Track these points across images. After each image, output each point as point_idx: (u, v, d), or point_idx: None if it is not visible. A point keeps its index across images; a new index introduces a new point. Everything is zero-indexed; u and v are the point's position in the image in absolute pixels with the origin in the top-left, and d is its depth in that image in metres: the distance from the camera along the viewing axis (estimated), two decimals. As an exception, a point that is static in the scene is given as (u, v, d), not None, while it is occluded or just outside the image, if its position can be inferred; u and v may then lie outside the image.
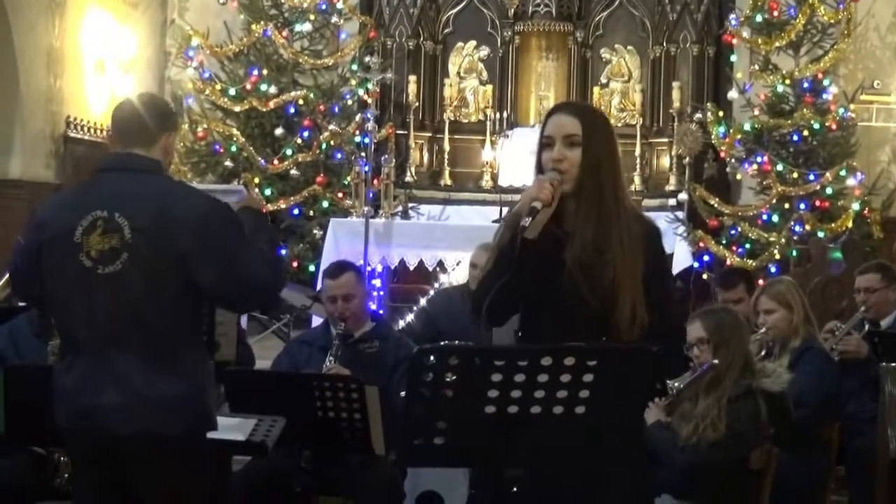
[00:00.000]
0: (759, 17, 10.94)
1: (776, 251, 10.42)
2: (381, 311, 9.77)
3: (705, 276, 10.36)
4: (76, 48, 10.65)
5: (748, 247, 10.66)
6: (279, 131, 11.11)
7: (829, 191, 10.67)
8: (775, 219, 10.65)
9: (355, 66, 11.40)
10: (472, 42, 12.31)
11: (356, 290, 5.47)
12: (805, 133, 10.72)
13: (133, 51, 11.37)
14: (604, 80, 12.17)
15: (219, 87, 11.22)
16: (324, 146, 11.04)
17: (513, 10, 12.12)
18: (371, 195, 10.22)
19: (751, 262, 10.29)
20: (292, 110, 11.15)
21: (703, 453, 4.59)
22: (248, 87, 11.14)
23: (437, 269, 9.89)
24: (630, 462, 3.19)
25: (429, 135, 12.13)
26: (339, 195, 10.95)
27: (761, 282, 6.80)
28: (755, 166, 10.77)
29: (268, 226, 4.10)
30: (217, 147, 11.11)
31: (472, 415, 2.80)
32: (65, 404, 3.70)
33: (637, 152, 11.61)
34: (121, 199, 3.65)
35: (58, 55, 10.37)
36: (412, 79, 11.86)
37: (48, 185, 10.07)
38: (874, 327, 6.34)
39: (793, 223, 10.48)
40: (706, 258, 10.56)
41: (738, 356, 4.72)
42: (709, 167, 11.30)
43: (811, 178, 10.63)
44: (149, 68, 11.80)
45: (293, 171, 11.01)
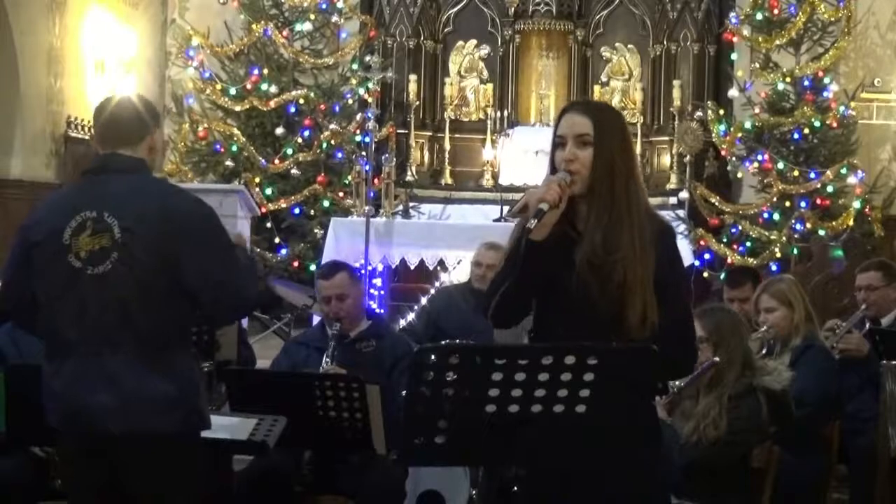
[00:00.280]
0: (759, 15, 10.95)
1: (777, 249, 10.43)
2: (381, 311, 9.79)
3: (706, 275, 10.37)
4: (76, 48, 10.65)
5: (749, 245, 10.67)
6: (280, 131, 11.12)
7: (829, 189, 10.68)
8: (776, 217, 10.66)
9: (356, 66, 11.41)
10: (473, 41, 12.32)
11: (350, 290, 5.46)
12: (806, 131, 10.73)
13: (133, 50, 11.37)
14: (604, 79, 12.18)
15: (219, 86, 11.23)
16: (324, 145, 11.04)
17: (513, 9, 12.13)
18: (372, 194, 10.22)
19: (752, 260, 10.30)
20: (293, 110, 11.16)
21: (704, 451, 4.58)
22: (248, 86, 11.14)
23: (438, 268, 9.89)
24: (635, 462, 3.17)
25: (429, 134, 12.14)
26: (340, 194, 10.96)
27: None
28: (756, 164, 10.78)
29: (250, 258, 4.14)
30: (218, 147, 11.11)
31: (473, 414, 2.80)
32: (56, 406, 3.70)
33: (637, 151, 11.57)
34: (109, 199, 3.65)
35: (58, 55, 10.37)
36: (413, 78, 11.87)
37: (49, 185, 10.07)
38: (875, 325, 6.33)
39: (793, 221, 10.49)
40: (707, 256, 10.57)
41: (738, 354, 4.72)
42: (709, 165, 11.31)
43: (812, 176, 10.63)
44: (149, 68, 11.80)
45: (294, 171, 11.01)
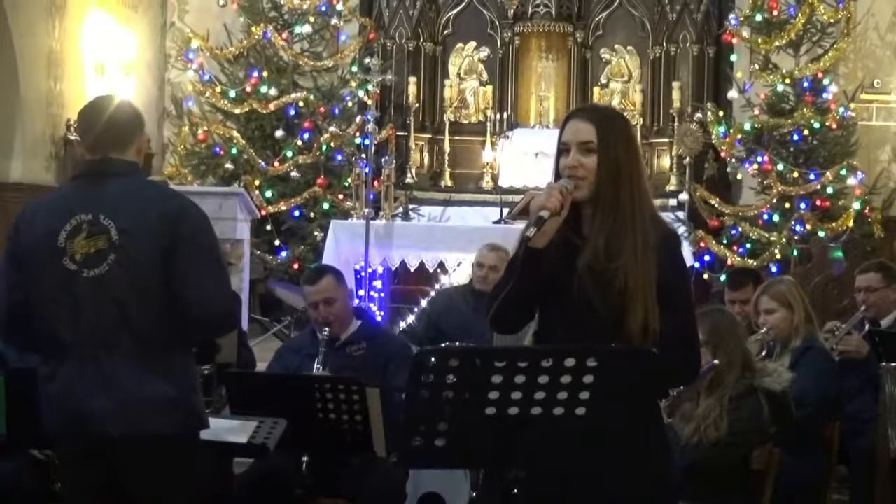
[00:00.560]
0: (758, 17, 10.95)
1: (777, 251, 10.43)
2: (381, 313, 9.80)
3: (706, 277, 10.37)
4: (76, 51, 10.65)
5: (749, 247, 10.67)
6: (279, 133, 11.11)
7: (829, 190, 10.68)
8: (776, 218, 10.65)
9: (355, 68, 11.41)
10: (472, 43, 12.31)
11: (336, 293, 5.43)
12: (805, 132, 10.73)
13: (133, 53, 11.37)
14: (604, 81, 12.17)
15: (219, 89, 11.23)
16: (324, 148, 11.04)
17: (512, 11, 12.12)
18: (372, 196, 10.22)
19: (752, 261, 10.30)
20: (292, 112, 11.16)
21: (704, 453, 4.59)
22: (248, 89, 11.14)
23: (438, 270, 9.90)
24: (636, 464, 3.16)
25: (429, 136, 12.13)
26: (340, 197, 10.96)
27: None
28: (755, 166, 10.78)
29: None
30: (217, 149, 11.11)
31: (473, 416, 2.80)
32: (53, 410, 3.70)
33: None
34: (105, 201, 3.66)
35: (58, 58, 10.37)
36: (412, 80, 11.87)
37: (48, 188, 10.06)
38: (874, 327, 6.34)
39: (793, 223, 10.49)
40: (707, 258, 10.57)
41: (737, 355, 4.72)
42: (709, 167, 11.31)
43: (812, 177, 10.63)
44: (149, 71, 11.81)
45: (294, 173, 11.01)
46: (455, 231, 10.14)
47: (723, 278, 9.36)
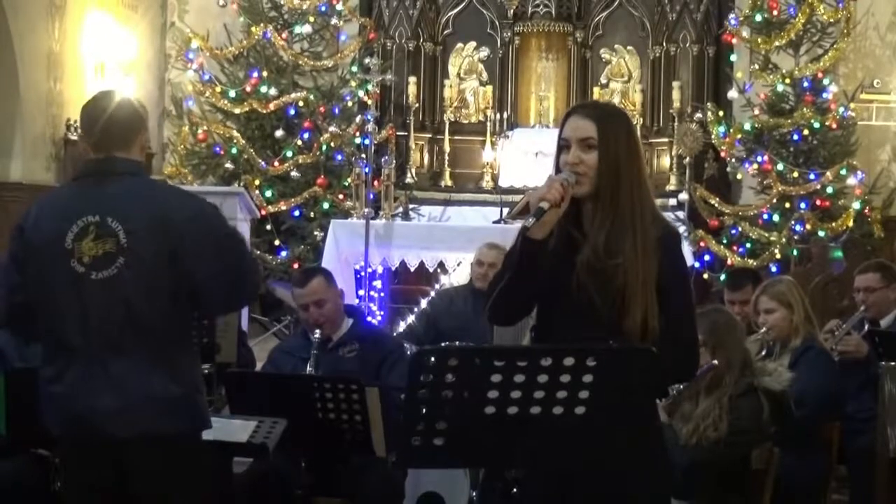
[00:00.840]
0: (758, 17, 10.95)
1: (777, 251, 10.43)
2: (381, 312, 9.79)
3: (706, 276, 10.37)
4: (76, 51, 10.65)
5: (749, 246, 10.67)
6: (279, 133, 11.11)
7: (829, 190, 10.68)
8: (776, 218, 10.65)
9: (355, 68, 11.40)
10: (472, 43, 12.32)
11: (327, 294, 5.37)
12: (805, 132, 10.72)
13: (133, 53, 11.37)
14: (604, 81, 12.18)
15: (219, 89, 11.23)
16: (324, 148, 11.04)
17: (512, 11, 12.13)
18: (371, 196, 10.22)
19: (751, 261, 10.30)
20: (292, 112, 11.16)
21: (705, 452, 4.59)
22: (248, 89, 11.14)
23: (438, 270, 9.89)
24: (636, 463, 3.16)
25: (429, 136, 12.14)
26: (340, 196, 10.95)
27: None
28: (755, 166, 10.78)
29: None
30: (217, 149, 11.12)
31: (472, 415, 2.80)
32: (58, 411, 3.68)
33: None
34: (111, 203, 3.64)
35: (58, 58, 10.37)
36: (412, 80, 11.87)
37: (48, 188, 10.06)
38: (874, 327, 6.33)
39: (793, 223, 10.49)
40: (707, 258, 10.57)
41: (736, 355, 4.72)
42: (709, 167, 11.31)
43: (811, 177, 10.63)
44: (149, 71, 11.81)
45: (294, 173, 11.01)
46: (455, 231, 10.14)
47: (722, 278, 9.36)
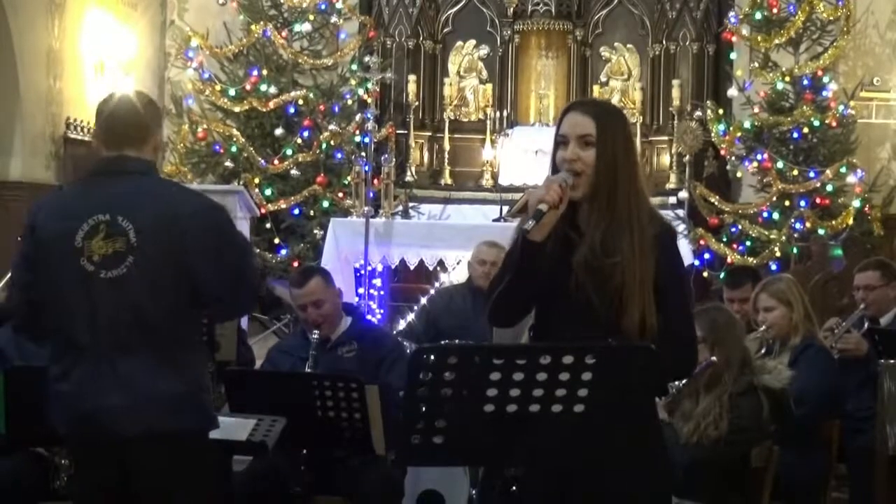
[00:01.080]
0: (758, 15, 10.94)
1: (777, 249, 10.42)
2: (381, 311, 9.79)
3: (705, 275, 10.37)
4: (76, 49, 10.65)
5: (749, 244, 10.66)
6: (279, 131, 11.11)
7: (829, 188, 10.67)
8: (776, 216, 10.65)
9: (355, 66, 11.40)
10: (472, 41, 12.31)
11: (325, 295, 5.35)
12: (805, 130, 10.72)
13: (133, 52, 11.37)
14: (603, 79, 12.17)
15: (219, 87, 11.22)
16: (324, 146, 11.03)
17: (512, 9, 12.12)
18: (371, 195, 10.22)
19: (751, 259, 10.29)
20: (292, 110, 11.15)
21: (705, 451, 4.59)
22: (247, 87, 11.13)
23: (438, 268, 9.89)
24: (635, 461, 3.16)
25: (429, 134, 12.13)
26: (340, 195, 10.95)
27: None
28: (755, 164, 10.77)
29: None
30: (217, 147, 11.11)
31: (471, 413, 2.80)
32: (65, 410, 3.68)
33: (637, 150, 11.59)
34: (121, 202, 3.64)
35: (57, 56, 10.37)
36: (412, 78, 11.86)
37: (48, 187, 10.07)
38: (874, 325, 6.33)
39: (793, 221, 10.48)
40: (707, 256, 10.56)
41: (736, 352, 4.73)
42: (709, 165, 11.30)
43: (811, 175, 10.63)
44: (148, 69, 11.80)
45: (293, 171, 11.00)
46: (455, 229, 10.13)
47: (722, 276, 9.36)
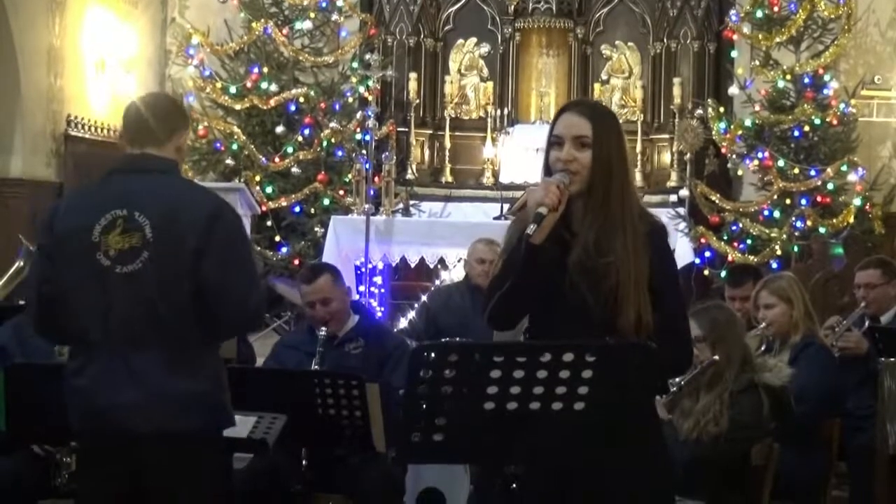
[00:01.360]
0: (759, 13, 10.93)
1: (777, 247, 10.41)
2: (381, 308, 9.80)
3: (706, 273, 10.37)
4: (76, 47, 10.65)
5: (749, 243, 10.65)
6: (280, 129, 11.10)
7: (830, 186, 10.66)
8: (776, 215, 10.64)
9: (356, 64, 11.39)
10: (473, 39, 12.31)
11: (333, 293, 5.36)
12: (806, 129, 10.70)
13: (133, 49, 11.37)
14: (604, 77, 12.17)
15: (219, 85, 11.22)
16: (325, 144, 11.03)
17: (513, 7, 12.12)
18: (372, 192, 10.22)
19: (752, 257, 10.29)
20: (293, 108, 11.14)
21: (705, 448, 4.59)
22: (248, 84, 11.13)
23: (439, 266, 9.90)
24: (635, 459, 3.16)
25: (430, 132, 12.13)
26: (341, 193, 10.94)
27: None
28: (756, 162, 10.76)
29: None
30: (218, 145, 11.11)
31: (472, 411, 2.80)
32: (79, 405, 3.68)
33: (638, 149, 11.61)
34: (139, 198, 3.66)
35: (58, 54, 10.37)
36: (413, 76, 11.86)
37: (49, 184, 10.08)
38: (874, 323, 6.33)
39: (794, 219, 10.48)
40: (707, 254, 10.56)
41: (736, 350, 4.73)
42: (710, 163, 11.29)
43: (812, 173, 10.62)
44: (149, 67, 11.80)
45: (294, 169, 11.00)
46: (455, 227, 10.13)
47: (723, 275, 9.35)
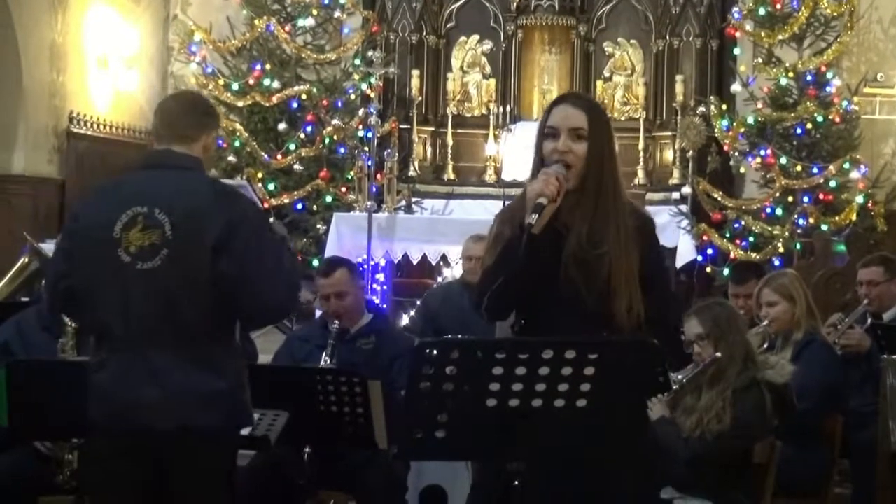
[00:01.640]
0: (762, 10, 10.92)
1: (780, 244, 10.41)
2: (384, 306, 9.79)
3: (709, 270, 10.36)
4: (79, 43, 10.66)
5: (752, 240, 10.64)
6: (282, 126, 11.10)
7: (832, 184, 10.65)
8: (779, 212, 10.63)
9: (358, 61, 11.40)
10: (475, 36, 12.30)
11: (349, 287, 5.38)
12: (808, 126, 10.69)
13: (136, 46, 11.38)
14: (607, 74, 12.16)
15: (222, 82, 11.22)
16: (327, 141, 11.03)
17: (515, 4, 12.11)
18: (374, 190, 10.22)
19: (754, 255, 10.28)
20: (295, 105, 11.14)
21: (707, 446, 4.59)
22: (251, 82, 11.13)
23: (441, 263, 9.90)
24: (634, 456, 3.17)
25: (432, 129, 12.12)
26: (343, 190, 10.95)
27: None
28: (758, 159, 10.75)
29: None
30: (220, 142, 11.08)
31: (474, 408, 2.81)
32: (101, 401, 3.69)
33: (640, 146, 11.60)
34: (160, 195, 3.67)
35: (60, 50, 10.38)
36: (415, 73, 11.85)
37: (51, 181, 10.10)
38: (877, 320, 6.33)
39: (796, 216, 10.47)
40: (710, 252, 10.55)
41: (739, 347, 4.73)
42: (712, 160, 11.28)
43: (815, 171, 10.61)
44: (152, 64, 11.81)
45: (296, 166, 11.00)
46: (458, 224, 10.12)
47: (725, 272, 9.36)
